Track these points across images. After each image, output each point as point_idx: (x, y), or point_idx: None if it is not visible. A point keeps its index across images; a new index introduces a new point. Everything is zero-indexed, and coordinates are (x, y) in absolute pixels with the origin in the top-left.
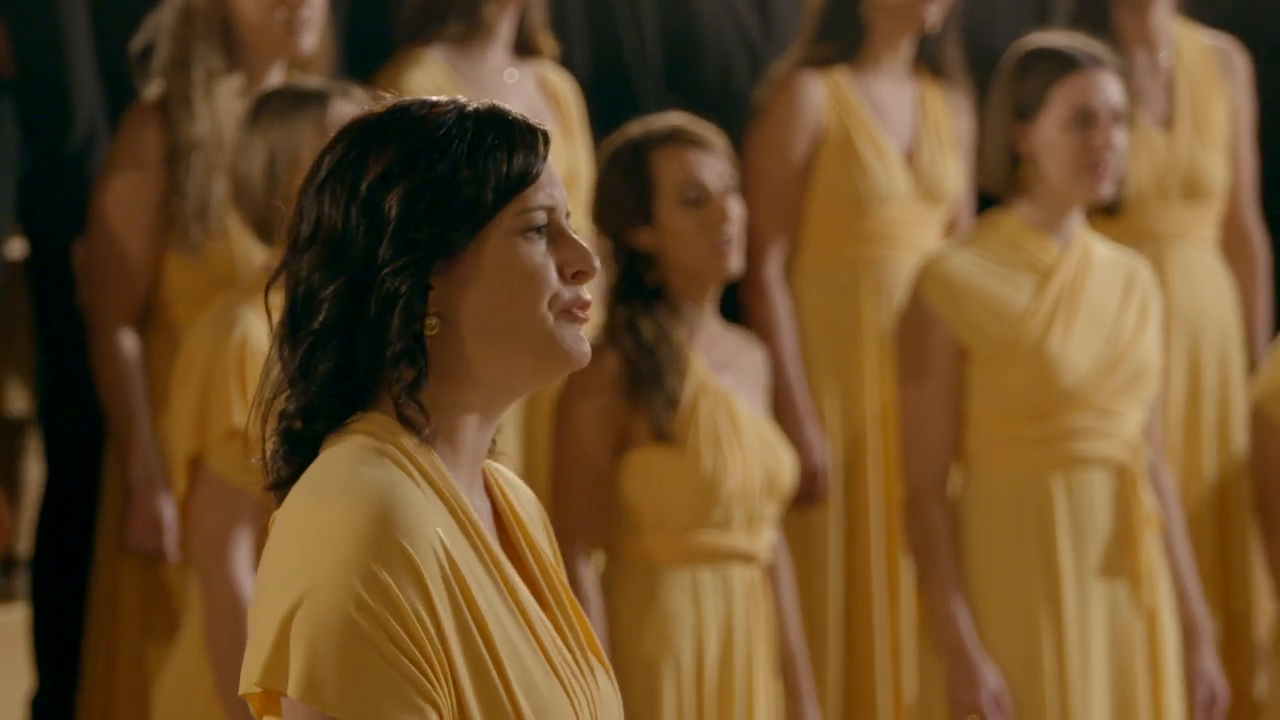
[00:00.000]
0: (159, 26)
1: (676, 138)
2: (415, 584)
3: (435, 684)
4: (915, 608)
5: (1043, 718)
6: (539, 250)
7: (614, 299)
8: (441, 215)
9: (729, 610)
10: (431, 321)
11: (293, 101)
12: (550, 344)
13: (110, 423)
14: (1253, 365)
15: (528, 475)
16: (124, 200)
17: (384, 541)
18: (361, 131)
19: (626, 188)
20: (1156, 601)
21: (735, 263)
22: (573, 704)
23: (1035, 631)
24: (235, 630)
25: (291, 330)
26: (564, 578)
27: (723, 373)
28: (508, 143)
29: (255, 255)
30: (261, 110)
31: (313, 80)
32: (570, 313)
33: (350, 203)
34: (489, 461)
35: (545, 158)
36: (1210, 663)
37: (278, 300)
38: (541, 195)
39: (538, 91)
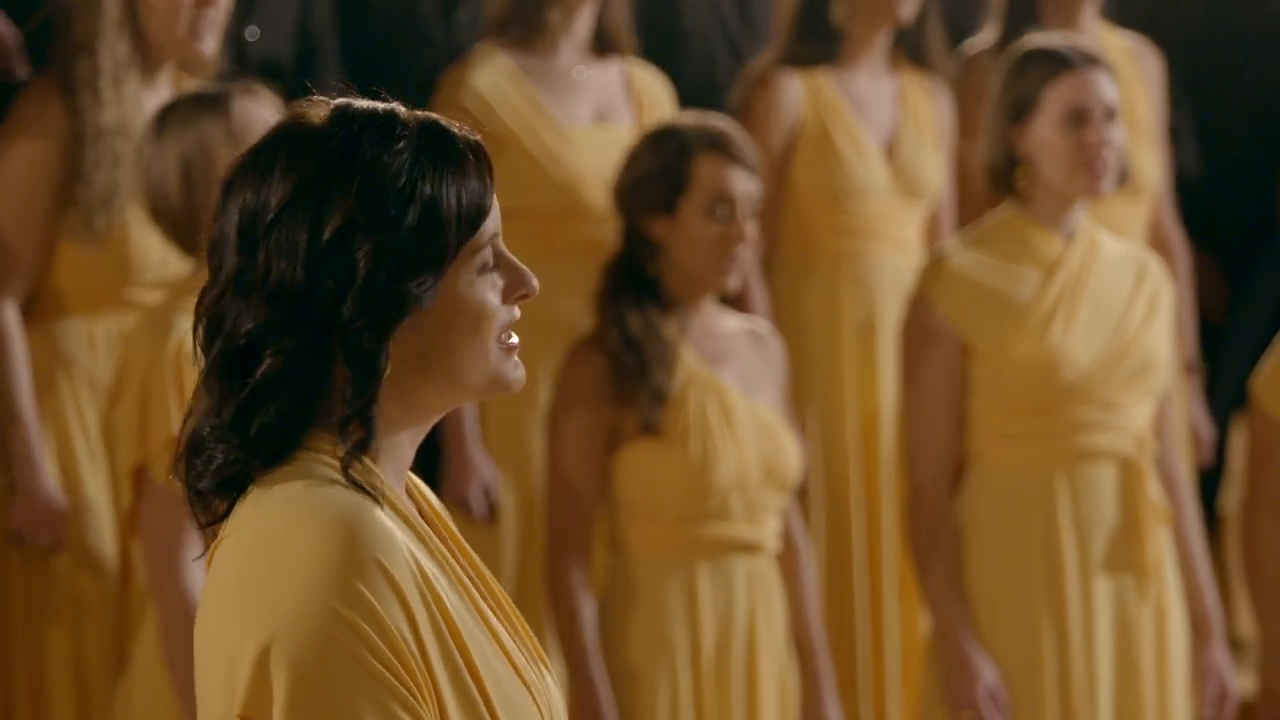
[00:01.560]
0: (61, 6)
1: (724, 147)
2: (396, 599)
3: (420, 699)
4: (898, 605)
5: (1042, 715)
6: (490, 283)
7: (606, 288)
8: (410, 268)
9: (728, 603)
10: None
11: (196, 106)
12: (493, 377)
13: None
14: (1185, 367)
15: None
16: (20, 179)
17: (361, 559)
18: (315, 168)
19: (660, 176)
20: (1164, 596)
21: (734, 281)
22: (538, 706)
23: (1036, 628)
24: (190, 637)
25: (225, 378)
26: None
27: (721, 364)
28: (460, 171)
29: (153, 249)
30: (167, 120)
31: (207, 84)
32: (508, 345)
33: (309, 254)
34: None
35: (489, 172)
36: (1221, 658)
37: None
38: (490, 224)
39: (621, 87)
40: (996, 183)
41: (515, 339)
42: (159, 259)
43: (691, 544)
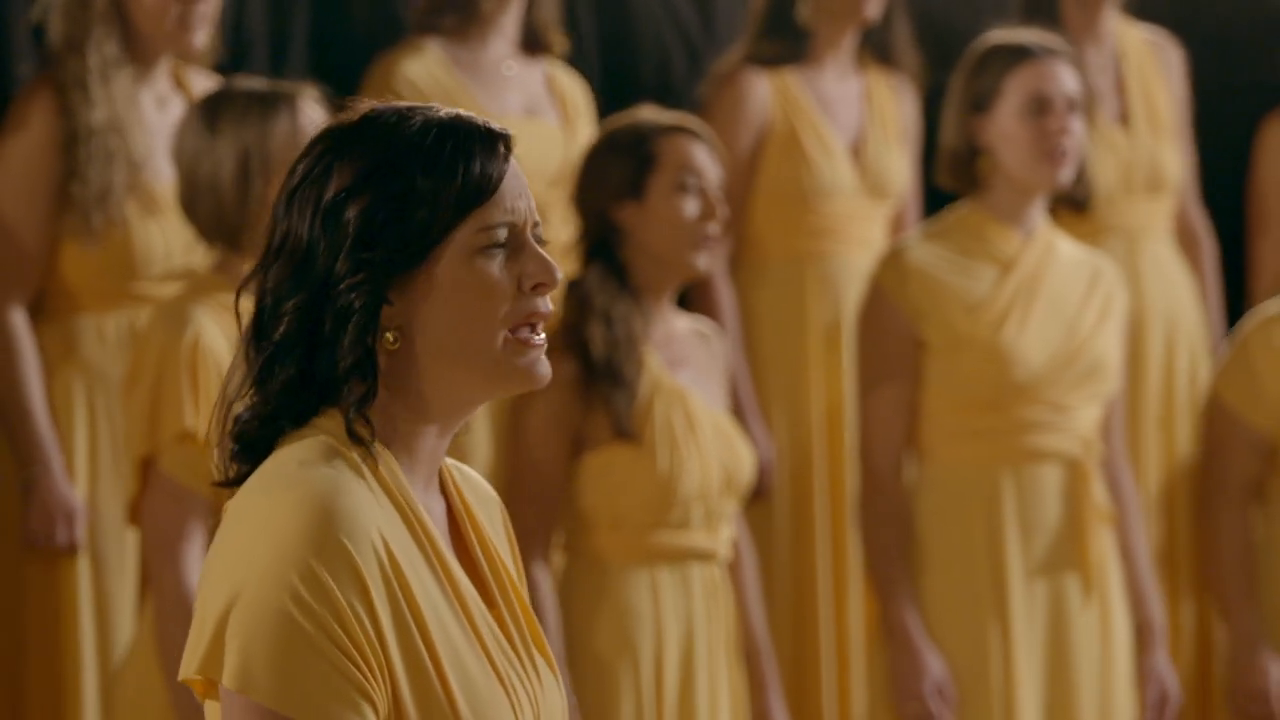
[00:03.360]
0: (51, 5)
1: (684, 129)
2: (353, 580)
3: (370, 678)
4: (862, 604)
5: (988, 709)
6: (496, 265)
7: (572, 291)
8: (397, 231)
9: (689, 609)
10: (390, 336)
11: (261, 103)
12: (500, 366)
13: (2, 409)
14: (1211, 356)
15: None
16: (19, 180)
17: (324, 538)
18: (332, 141)
19: (623, 162)
20: (1108, 599)
21: (706, 262)
22: (512, 703)
23: (982, 624)
24: (184, 629)
25: (256, 338)
26: (515, 577)
27: (679, 369)
28: (466, 154)
29: (155, 243)
30: (221, 113)
31: (259, 81)
32: (524, 337)
33: (314, 215)
34: (451, 461)
35: (508, 161)
36: (1163, 663)
37: (247, 305)
38: (501, 211)
39: (543, 87)
40: (957, 175)
41: (538, 336)
42: (162, 252)
43: (652, 552)
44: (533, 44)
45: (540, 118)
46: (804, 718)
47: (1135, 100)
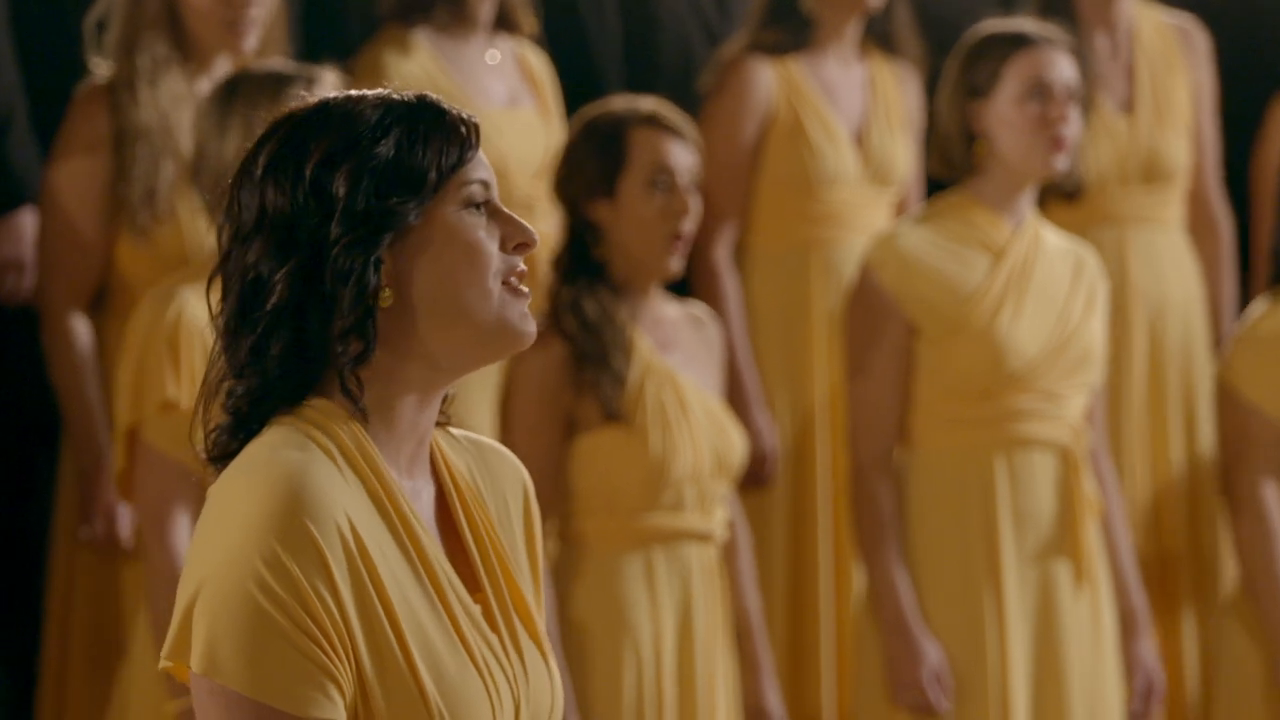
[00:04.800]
0: (111, 6)
1: (657, 121)
2: (317, 563)
3: (334, 660)
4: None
5: (983, 696)
6: (480, 223)
7: (557, 277)
8: (388, 190)
9: (685, 591)
10: (386, 293)
11: (272, 83)
12: (497, 319)
13: (63, 410)
14: (1219, 345)
15: None
16: (75, 182)
17: (288, 521)
18: (296, 123)
19: (596, 158)
20: (1096, 588)
21: (678, 263)
22: (487, 688)
23: (977, 611)
24: (175, 600)
25: (240, 316)
26: (509, 560)
27: (669, 352)
28: (443, 130)
29: (207, 238)
30: (236, 91)
31: (280, 62)
32: (513, 286)
33: (295, 186)
34: (467, 435)
35: (477, 146)
36: (1148, 652)
37: (218, 294)
38: (479, 169)
39: (516, 70)
40: (951, 161)
41: (525, 287)
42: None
43: (647, 535)
44: (504, 25)
45: (521, 106)
46: (802, 703)
47: (1143, 87)
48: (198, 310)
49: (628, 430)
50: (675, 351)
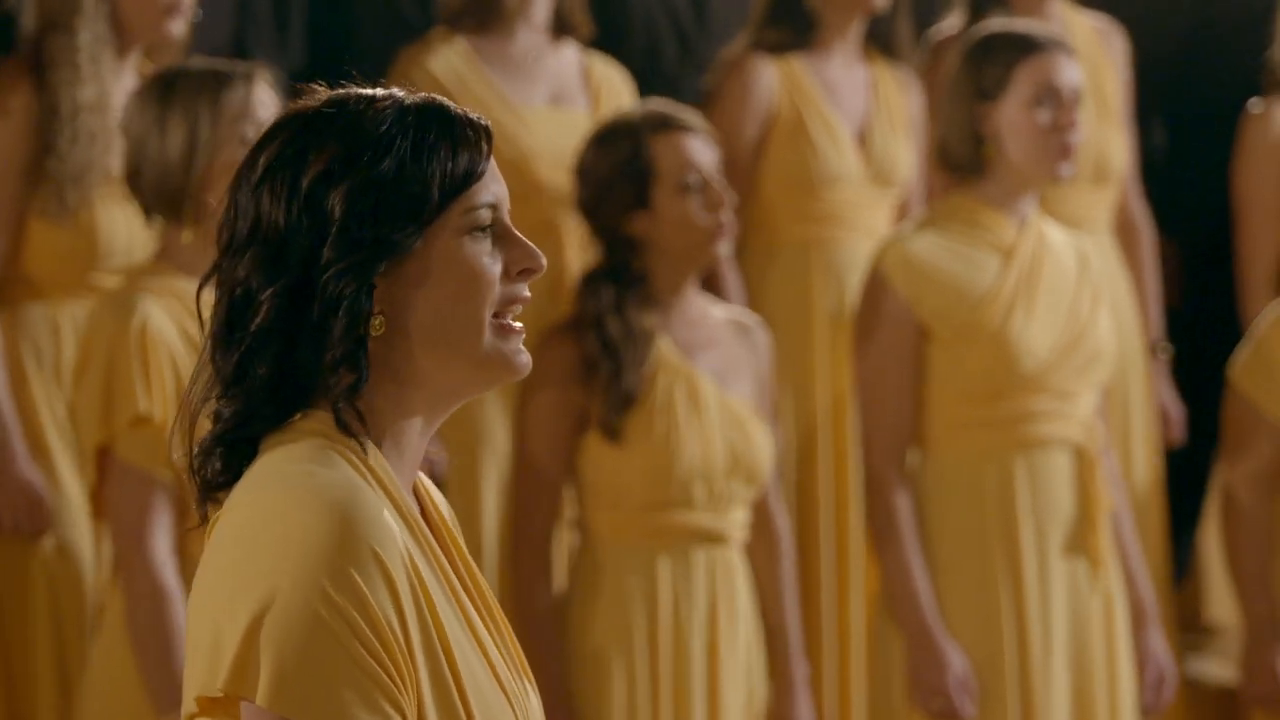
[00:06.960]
0: None
1: (670, 124)
2: (387, 588)
3: (401, 689)
4: (864, 594)
5: (1004, 700)
6: (485, 249)
7: (586, 287)
8: (387, 214)
9: (688, 593)
10: (377, 321)
11: (214, 79)
12: (488, 353)
13: None
14: (1150, 349)
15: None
16: None
17: (356, 544)
18: (299, 126)
19: (623, 175)
20: (1110, 583)
21: (726, 248)
22: (514, 711)
23: (997, 614)
24: (156, 616)
25: (227, 332)
26: (479, 575)
27: (701, 353)
28: (450, 139)
29: (120, 233)
30: (174, 88)
31: (214, 60)
32: (506, 324)
33: (291, 200)
34: None
35: (488, 155)
36: (1159, 644)
37: (209, 299)
38: (486, 193)
39: (578, 75)
40: (955, 163)
41: (518, 323)
42: (125, 245)
43: (654, 531)
44: (562, 28)
45: (566, 106)
46: None
47: (1085, 87)
48: (160, 320)
49: (632, 426)
50: (709, 352)
